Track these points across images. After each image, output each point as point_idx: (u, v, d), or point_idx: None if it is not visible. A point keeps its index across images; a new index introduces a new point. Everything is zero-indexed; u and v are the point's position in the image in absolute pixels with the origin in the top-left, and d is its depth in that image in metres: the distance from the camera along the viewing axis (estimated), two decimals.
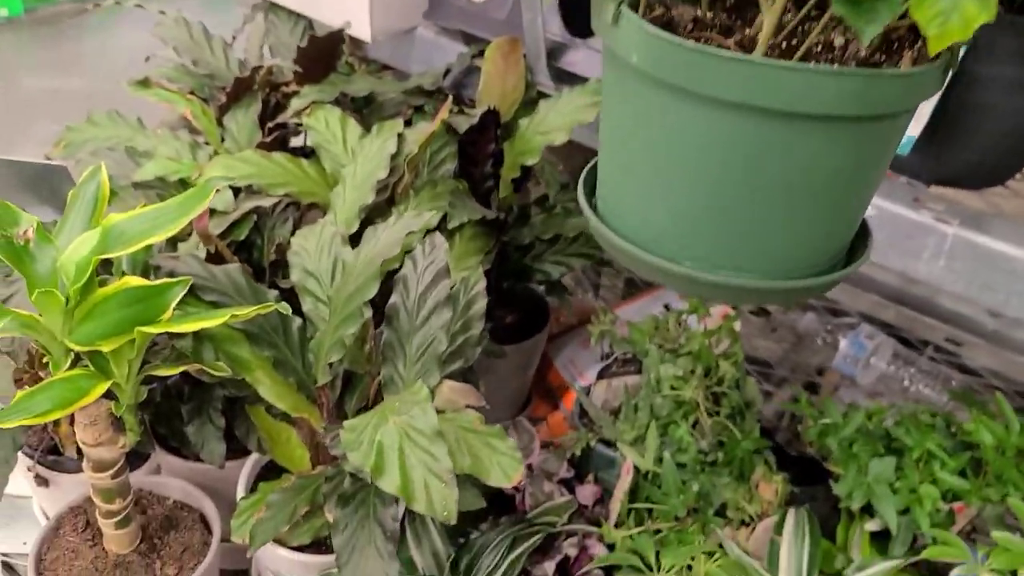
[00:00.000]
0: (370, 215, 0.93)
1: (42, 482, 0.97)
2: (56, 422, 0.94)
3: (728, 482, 0.97)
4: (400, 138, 0.92)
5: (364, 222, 0.90)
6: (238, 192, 0.95)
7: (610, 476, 1.04)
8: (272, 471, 0.95)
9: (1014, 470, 0.91)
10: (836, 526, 1.00)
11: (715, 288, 0.59)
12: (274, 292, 0.80)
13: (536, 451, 1.06)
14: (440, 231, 0.84)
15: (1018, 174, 0.87)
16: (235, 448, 0.95)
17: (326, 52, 1.05)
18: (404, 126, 0.95)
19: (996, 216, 0.81)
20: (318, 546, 0.89)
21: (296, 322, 0.80)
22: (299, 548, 0.88)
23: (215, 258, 0.85)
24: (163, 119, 1.17)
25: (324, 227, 0.84)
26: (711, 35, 0.56)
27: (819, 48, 0.55)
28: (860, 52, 0.55)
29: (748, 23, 0.58)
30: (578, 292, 1.60)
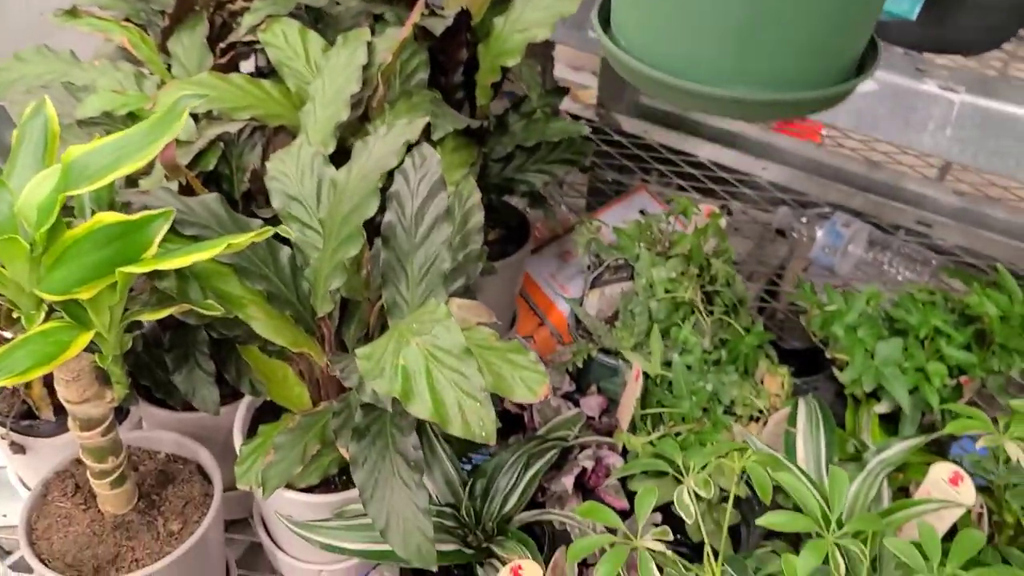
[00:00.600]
0: (343, 134, 0.87)
1: (18, 449, 0.91)
2: (28, 384, 0.88)
3: (735, 379, 0.96)
4: (370, 47, 0.86)
5: (340, 141, 0.85)
6: (197, 120, 0.88)
7: (613, 385, 1.02)
8: (268, 413, 0.90)
9: (1020, 338, 0.91)
10: (839, 414, 1.00)
11: (759, 106, 0.58)
12: (257, 221, 0.74)
13: None
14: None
15: (1014, 37, 0.85)
16: (223, 393, 0.90)
17: None
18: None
19: (1002, 80, 0.79)
20: (327, 485, 0.85)
21: (285, 252, 0.74)
22: (307, 490, 0.84)
23: (185, 191, 0.78)
24: (98, 50, 1.07)
25: (301, 148, 0.78)
26: None
27: None
28: None
29: None
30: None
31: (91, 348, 0.69)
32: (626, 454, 0.95)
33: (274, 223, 0.76)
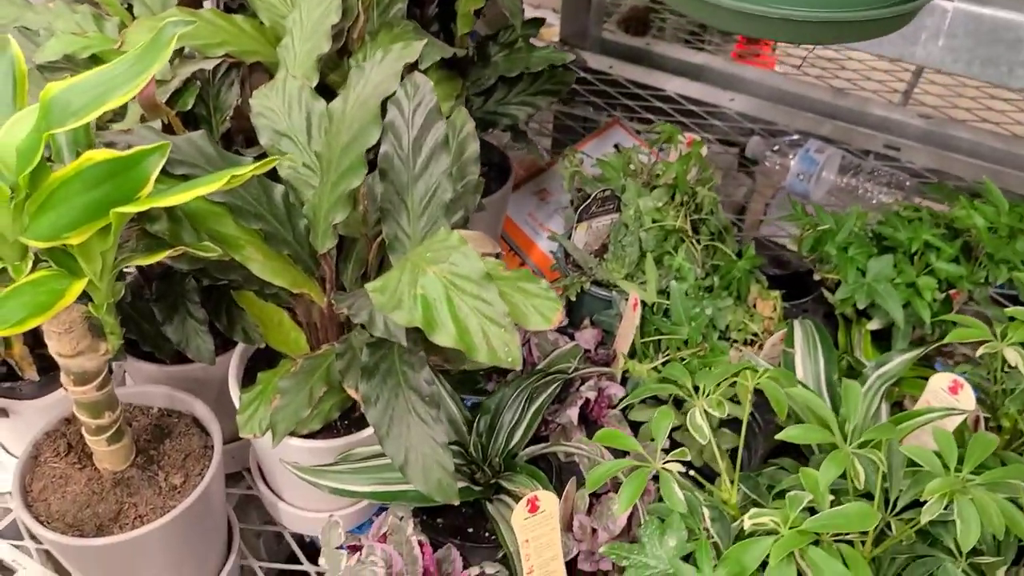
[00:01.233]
0: (323, 69, 0.83)
1: (1, 413, 0.87)
2: (7, 344, 0.84)
3: (730, 304, 0.96)
4: None
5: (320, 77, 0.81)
6: (169, 60, 0.83)
7: (607, 318, 1.01)
8: (260, 362, 0.88)
9: (1008, 248, 0.92)
10: (829, 335, 1.01)
11: (816, 27, 0.56)
12: (247, 158, 0.71)
13: None
14: None
15: None
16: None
17: None
18: None
19: None
20: (329, 430, 0.83)
21: (279, 190, 0.71)
22: (308, 436, 0.82)
23: (166, 132, 0.74)
24: None
25: (287, 81, 0.74)
26: None
27: None
28: None
29: None
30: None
31: (82, 299, 0.66)
32: (624, 384, 0.95)
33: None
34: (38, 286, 0.60)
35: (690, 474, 0.75)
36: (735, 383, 0.70)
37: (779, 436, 0.68)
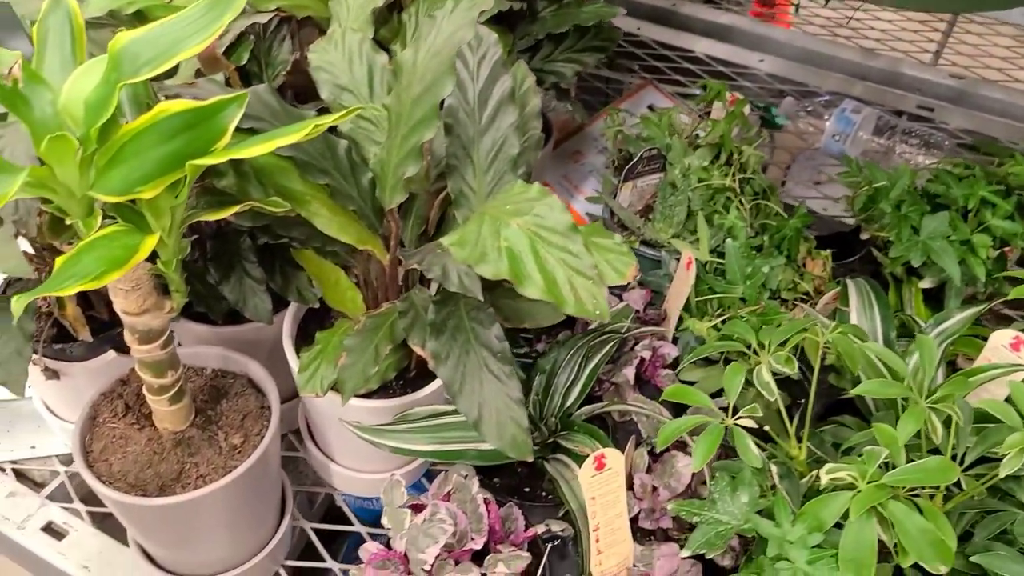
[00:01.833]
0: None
1: (52, 375, 0.86)
2: (61, 305, 0.83)
3: (782, 263, 0.95)
4: None
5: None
6: None
7: (655, 278, 1.00)
8: (311, 323, 0.87)
9: None
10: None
11: None
12: (309, 112, 0.70)
13: None
14: None
15: None
16: None
17: None
18: None
19: None
20: (385, 390, 0.83)
21: (342, 144, 0.70)
22: (365, 396, 0.81)
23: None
24: None
25: (346, 34, 0.72)
26: None
27: None
28: None
29: None
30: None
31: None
32: (675, 343, 0.95)
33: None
34: (112, 240, 0.59)
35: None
36: (790, 342, 0.70)
37: (855, 391, 0.68)
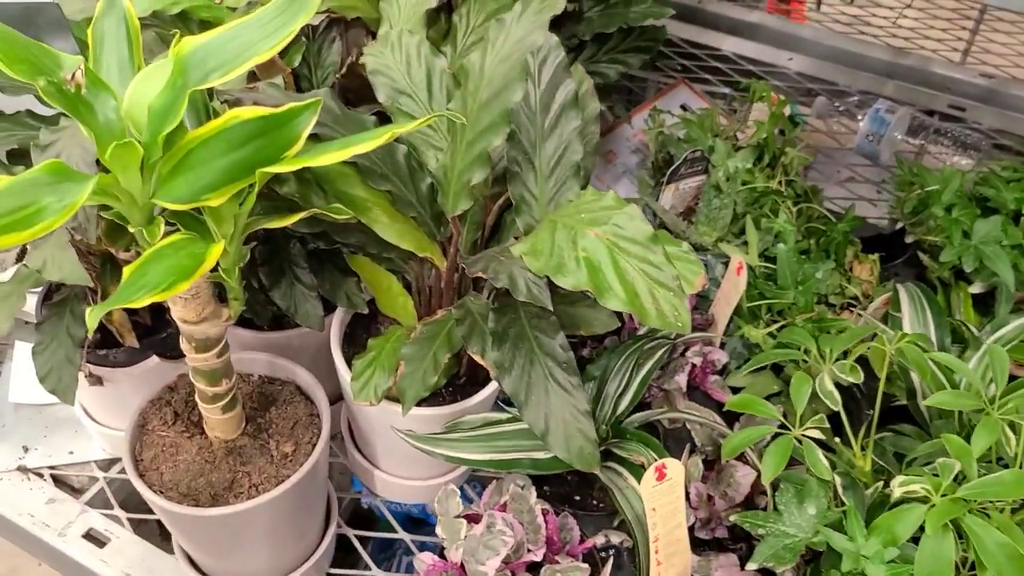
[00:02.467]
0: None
1: (95, 381, 0.85)
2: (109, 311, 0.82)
3: (832, 267, 0.94)
4: None
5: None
6: None
7: None
8: (358, 328, 0.86)
9: None
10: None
11: None
12: (371, 117, 0.68)
13: None
14: None
15: None
16: None
17: None
18: None
19: None
20: (435, 398, 0.81)
21: (401, 149, 0.69)
22: (418, 404, 0.80)
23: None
24: None
25: (403, 36, 0.71)
26: None
27: None
28: None
29: None
30: None
31: None
32: (722, 349, 0.93)
33: (383, 120, 0.71)
34: (178, 250, 0.58)
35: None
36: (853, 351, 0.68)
37: (928, 402, 0.66)
